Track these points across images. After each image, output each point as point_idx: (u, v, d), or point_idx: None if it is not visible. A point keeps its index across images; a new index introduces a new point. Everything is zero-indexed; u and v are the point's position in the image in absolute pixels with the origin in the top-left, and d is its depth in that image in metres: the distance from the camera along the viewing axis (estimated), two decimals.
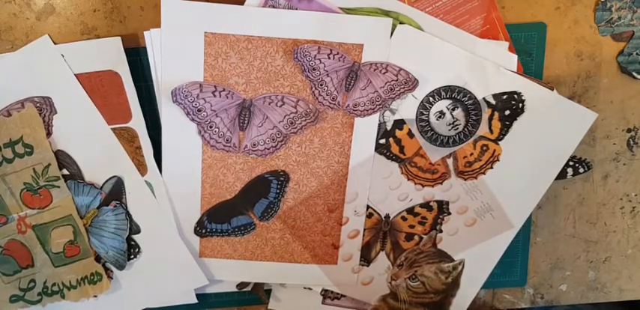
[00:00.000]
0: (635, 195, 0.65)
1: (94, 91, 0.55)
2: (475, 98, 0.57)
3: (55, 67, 0.54)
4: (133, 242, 0.58)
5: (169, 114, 0.55)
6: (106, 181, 0.56)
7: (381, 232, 0.61)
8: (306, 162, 0.58)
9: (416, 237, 0.61)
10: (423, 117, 0.58)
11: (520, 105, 0.58)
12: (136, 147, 0.56)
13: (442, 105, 0.58)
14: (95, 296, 0.58)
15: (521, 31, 0.58)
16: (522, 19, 0.58)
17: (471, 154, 0.59)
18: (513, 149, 0.59)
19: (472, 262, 0.61)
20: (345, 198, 0.59)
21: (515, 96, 0.57)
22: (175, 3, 0.53)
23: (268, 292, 0.62)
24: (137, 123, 0.56)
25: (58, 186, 0.56)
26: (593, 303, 0.69)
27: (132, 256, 0.58)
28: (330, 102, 0.56)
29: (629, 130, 0.63)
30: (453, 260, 0.61)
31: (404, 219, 0.60)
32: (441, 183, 0.59)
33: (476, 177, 0.59)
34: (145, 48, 0.55)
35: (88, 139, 0.56)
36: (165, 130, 0.56)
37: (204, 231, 0.59)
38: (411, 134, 0.58)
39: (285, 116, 0.56)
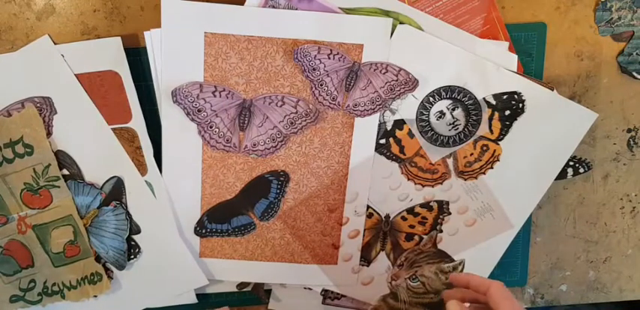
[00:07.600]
0: (635, 195, 0.65)
1: (94, 91, 0.55)
2: (475, 98, 0.57)
3: (55, 67, 0.54)
4: (133, 243, 0.58)
5: (169, 114, 0.55)
6: (106, 181, 0.56)
7: (381, 232, 0.61)
8: (306, 162, 0.58)
9: (416, 237, 0.61)
10: (423, 117, 0.58)
11: (520, 105, 0.58)
12: (136, 147, 0.56)
13: (442, 105, 0.57)
14: (95, 296, 0.58)
15: (521, 31, 0.58)
16: (522, 19, 0.58)
17: (471, 154, 0.59)
18: (513, 149, 0.59)
19: (472, 262, 0.61)
20: (345, 198, 0.59)
21: (515, 96, 0.57)
22: (175, 3, 0.53)
23: (268, 292, 0.62)
24: (137, 123, 0.56)
25: (58, 186, 0.56)
26: (593, 303, 0.69)
27: (132, 256, 0.58)
28: (330, 103, 0.56)
29: (629, 130, 0.63)
30: (453, 260, 0.61)
31: (404, 219, 0.60)
32: (441, 183, 0.59)
33: (476, 177, 0.59)
34: (145, 48, 0.55)
35: (88, 139, 0.56)
36: (165, 130, 0.56)
37: (204, 231, 0.59)
38: (411, 134, 0.58)
39: (285, 116, 0.56)
